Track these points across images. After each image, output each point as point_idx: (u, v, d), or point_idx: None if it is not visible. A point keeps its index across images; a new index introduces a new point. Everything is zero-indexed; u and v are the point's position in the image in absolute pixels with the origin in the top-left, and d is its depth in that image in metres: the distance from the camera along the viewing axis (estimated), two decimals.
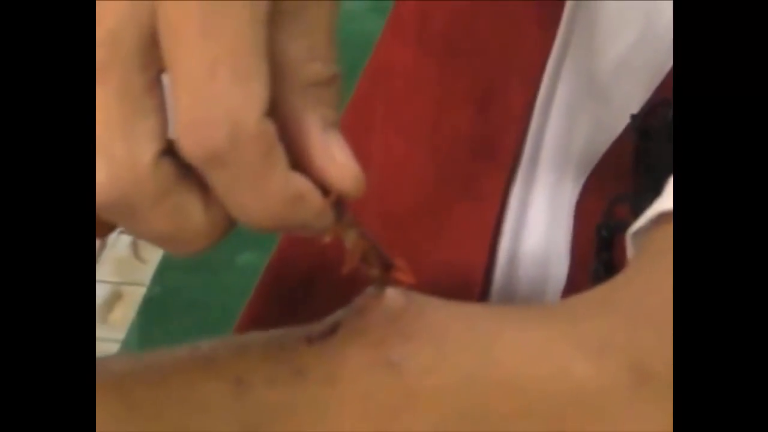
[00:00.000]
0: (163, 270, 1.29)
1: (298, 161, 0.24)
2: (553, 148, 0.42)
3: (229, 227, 0.24)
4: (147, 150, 0.23)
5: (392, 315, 0.26)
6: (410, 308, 0.26)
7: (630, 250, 0.29)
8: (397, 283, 0.27)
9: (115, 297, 1.31)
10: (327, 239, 0.25)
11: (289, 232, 0.28)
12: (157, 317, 1.28)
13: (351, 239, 0.26)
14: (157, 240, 0.24)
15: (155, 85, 0.23)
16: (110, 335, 1.25)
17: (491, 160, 0.43)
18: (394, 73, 0.47)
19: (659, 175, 0.29)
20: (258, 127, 0.22)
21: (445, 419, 0.25)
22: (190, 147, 0.23)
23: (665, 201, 0.27)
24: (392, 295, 0.26)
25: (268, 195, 0.23)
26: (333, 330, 0.26)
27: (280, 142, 0.23)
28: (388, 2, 0.49)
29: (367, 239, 0.26)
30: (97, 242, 0.26)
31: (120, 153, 0.22)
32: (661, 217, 0.27)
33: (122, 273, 1.31)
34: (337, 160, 0.24)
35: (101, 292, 1.28)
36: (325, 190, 0.24)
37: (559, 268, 0.40)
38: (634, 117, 0.36)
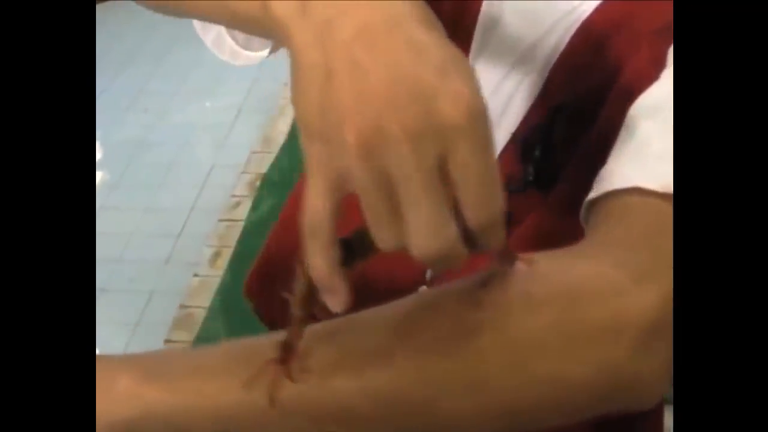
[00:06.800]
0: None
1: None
2: None
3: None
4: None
5: (519, 273, 0.38)
6: (529, 269, 0.38)
7: (582, 214, 0.42)
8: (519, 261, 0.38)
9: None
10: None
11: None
12: None
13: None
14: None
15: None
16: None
17: None
18: None
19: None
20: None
21: (550, 318, 0.36)
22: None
23: (597, 188, 0.41)
24: (518, 265, 0.38)
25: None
26: (489, 277, 0.38)
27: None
28: None
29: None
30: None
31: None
32: (601, 197, 0.40)
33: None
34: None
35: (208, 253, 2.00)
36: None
37: None
38: (513, 133, 0.51)
